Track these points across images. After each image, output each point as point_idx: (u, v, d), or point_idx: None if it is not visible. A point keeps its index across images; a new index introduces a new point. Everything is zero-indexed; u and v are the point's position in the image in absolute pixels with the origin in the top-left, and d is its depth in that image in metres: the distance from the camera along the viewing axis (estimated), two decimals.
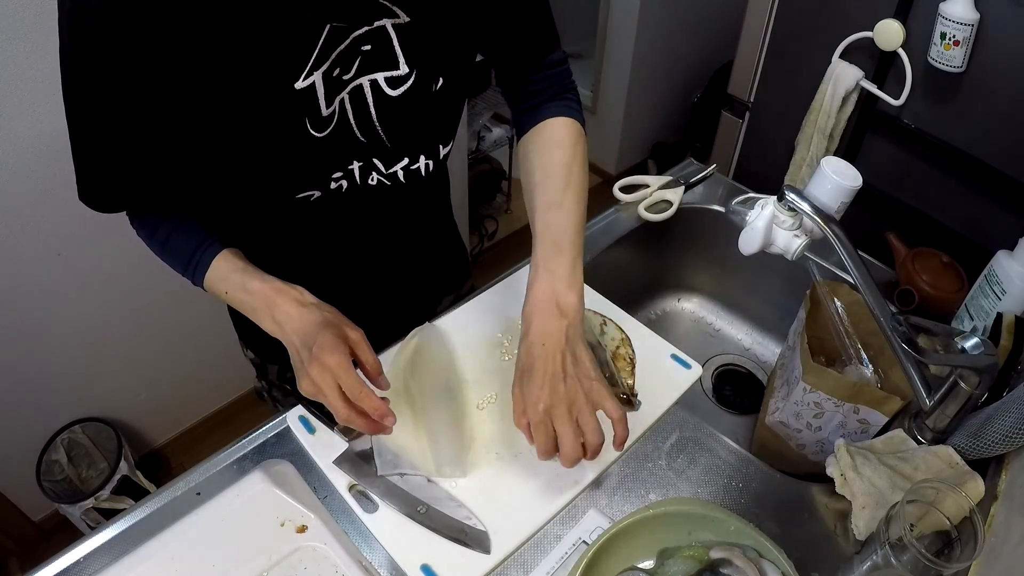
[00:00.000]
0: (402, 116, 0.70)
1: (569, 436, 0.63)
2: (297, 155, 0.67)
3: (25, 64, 1.14)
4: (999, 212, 1.03)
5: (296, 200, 0.72)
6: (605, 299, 0.92)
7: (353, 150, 0.71)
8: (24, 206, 1.26)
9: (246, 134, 0.64)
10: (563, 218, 0.71)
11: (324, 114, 0.65)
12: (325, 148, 0.68)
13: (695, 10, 2.51)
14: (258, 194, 0.73)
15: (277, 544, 0.65)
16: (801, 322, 0.89)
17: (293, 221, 0.78)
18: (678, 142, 2.80)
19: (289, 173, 0.70)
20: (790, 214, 0.78)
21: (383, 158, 0.73)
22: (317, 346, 0.63)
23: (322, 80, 0.62)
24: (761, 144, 1.34)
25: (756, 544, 0.63)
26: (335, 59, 0.62)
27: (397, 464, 0.70)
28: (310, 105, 0.63)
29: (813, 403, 0.84)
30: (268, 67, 0.60)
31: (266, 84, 0.60)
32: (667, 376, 0.83)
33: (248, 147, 0.66)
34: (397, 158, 0.73)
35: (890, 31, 1.00)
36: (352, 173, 0.73)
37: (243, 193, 0.75)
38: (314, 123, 0.65)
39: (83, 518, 1.53)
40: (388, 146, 0.72)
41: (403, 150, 0.73)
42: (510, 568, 0.66)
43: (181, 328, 1.67)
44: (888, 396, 0.79)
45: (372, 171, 0.73)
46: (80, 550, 0.66)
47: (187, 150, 0.66)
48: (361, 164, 0.72)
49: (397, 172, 0.75)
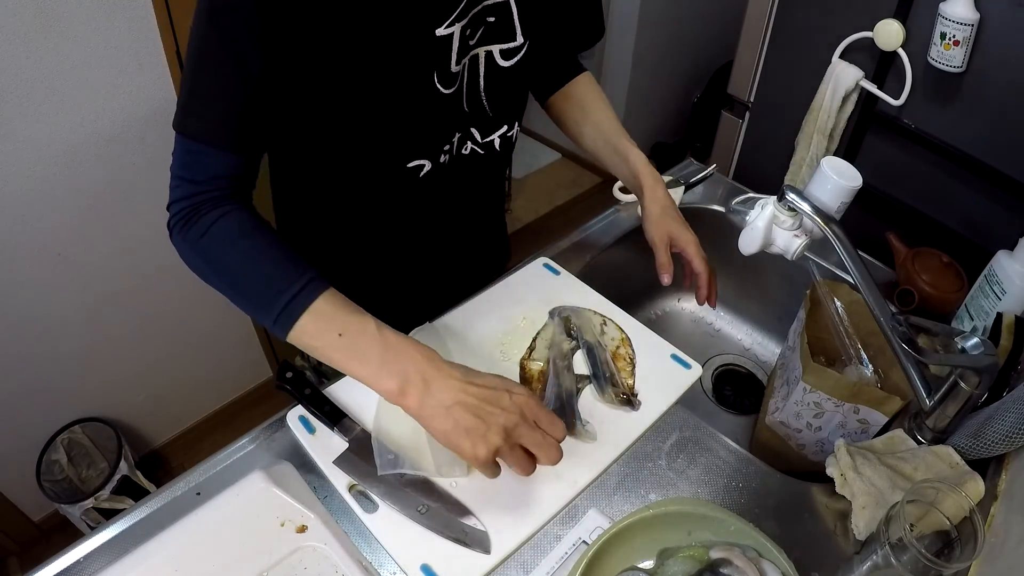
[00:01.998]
0: (508, 87, 0.75)
1: None
2: (421, 111, 0.68)
3: (25, 64, 1.14)
4: (999, 212, 1.03)
5: (405, 171, 0.73)
6: (605, 299, 0.92)
7: (456, 121, 0.74)
8: (24, 206, 1.26)
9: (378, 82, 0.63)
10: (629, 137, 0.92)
11: (453, 69, 0.67)
12: (444, 109, 0.70)
13: (695, 10, 2.50)
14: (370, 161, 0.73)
15: (277, 544, 0.65)
16: (801, 322, 0.89)
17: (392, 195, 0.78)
18: (678, 142, 2.80)
19: (408, 134, 0.70)
20: (790, 214, 0.78)
21: (481, 127, 0.77)
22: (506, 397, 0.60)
23: (459, 34, 0.64)
24: (761, 144, 1.34)
25: (756, 544, 0.63)
26: (470, 19, 0.65)
27: (397, 464, 0.70)
28: (443, 57, 0.65)
29: (813, 403, 0.84)
30: (416, 9, 0.61)
31: (410, 27, 0.61)
32: (667, 376, 0.82)
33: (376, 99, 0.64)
34: (496, 126, 0.79)
35: (890, 31, 1.00)
36: (453, 145, 0.76)
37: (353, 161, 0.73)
38: (442, 78, 0.67)
39: (83, 518, 1.53)
40: (489, 115, 0.77)
41: (502, 118, 0.79)
42: (510, 568, 0.66)
43: (181, 328, 1.67)
44: (888, 396, 0.79)
45: (468, 141, 0.78)
46: (80, 550, 0.66)
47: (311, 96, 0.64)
48: (460, 135, 0.76)
49: (494, 141, 0.80)
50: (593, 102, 0.94)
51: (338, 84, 0.63)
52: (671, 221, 0.88)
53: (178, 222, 0.65)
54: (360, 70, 0.62)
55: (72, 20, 1.15)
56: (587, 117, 0.94)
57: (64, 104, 1.21)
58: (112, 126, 1.29)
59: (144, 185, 1.39)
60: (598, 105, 0.94)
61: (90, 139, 1.27)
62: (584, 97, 0.94)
